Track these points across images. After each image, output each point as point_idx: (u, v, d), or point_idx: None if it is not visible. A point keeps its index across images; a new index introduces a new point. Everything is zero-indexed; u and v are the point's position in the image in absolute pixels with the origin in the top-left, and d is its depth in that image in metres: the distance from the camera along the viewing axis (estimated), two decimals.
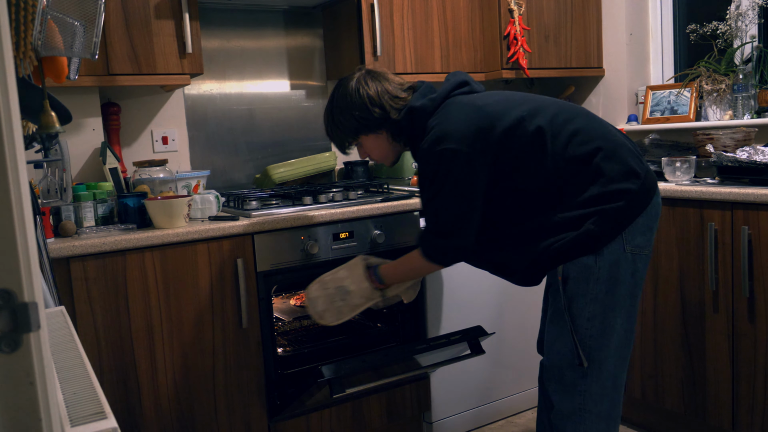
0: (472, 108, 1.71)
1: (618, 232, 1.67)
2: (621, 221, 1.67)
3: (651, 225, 1.72)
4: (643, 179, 1.70)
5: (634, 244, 1.70)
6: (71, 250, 1.85)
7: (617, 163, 1.68)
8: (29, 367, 0.59)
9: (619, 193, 1.66)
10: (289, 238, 2.16)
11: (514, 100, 1.76)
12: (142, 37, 2.20)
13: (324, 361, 2.27)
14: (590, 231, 1.67)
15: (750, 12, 2.63)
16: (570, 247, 1.69)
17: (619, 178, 1.67)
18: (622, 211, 1.66)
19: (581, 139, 1.69)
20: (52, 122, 1.33)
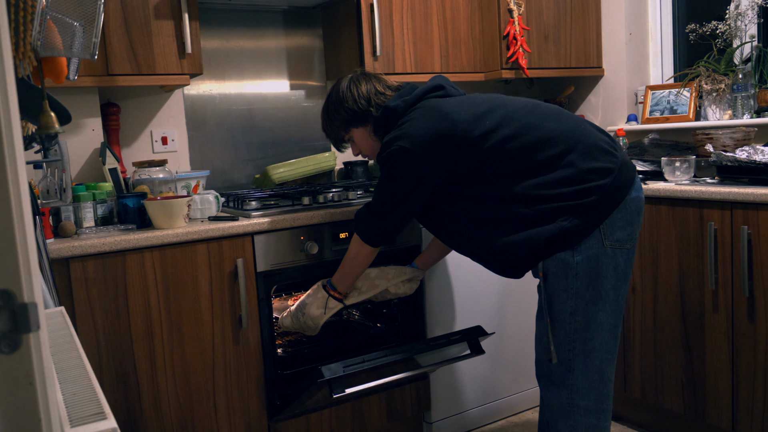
0: (438, 113, 1.79)
1: (593, 228, 1.71)
2: (595, 217, 1.71)
3: (631, 219, 1.75)
4: (616, 175, 1.73)
5: (613, 239, 1.74)
6: (71, 251, 1.85)
7: (587, 160, 1.73)
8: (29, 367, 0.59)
9: (589, 190, 1.70)
10: (288, 239, 2.17)
11: (485, 107, 1.81)
12: (141, 37, 2.20)
13: (324, 362, 2.27)
14: (563, 227, 1.71)
15: (749, 12, 2.63)
16: (544, 242, 1.73)
17: (589, 176, 1.71)
18: (594, 207, 1.71)
19: (551, 142, 1.74)
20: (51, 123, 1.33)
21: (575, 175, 1.71)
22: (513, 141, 1.74)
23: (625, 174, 1.77)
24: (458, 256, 2.48)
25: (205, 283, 2.05)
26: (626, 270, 1.78)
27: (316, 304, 2.06)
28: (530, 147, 1.74)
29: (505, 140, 1.74)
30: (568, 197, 1.70)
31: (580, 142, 1.76)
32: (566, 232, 1.71)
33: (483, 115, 1.77)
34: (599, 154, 1.74)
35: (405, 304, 2.45)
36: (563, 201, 1.70)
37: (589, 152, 1.74)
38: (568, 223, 1.70)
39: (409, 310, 2.45)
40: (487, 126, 1.75)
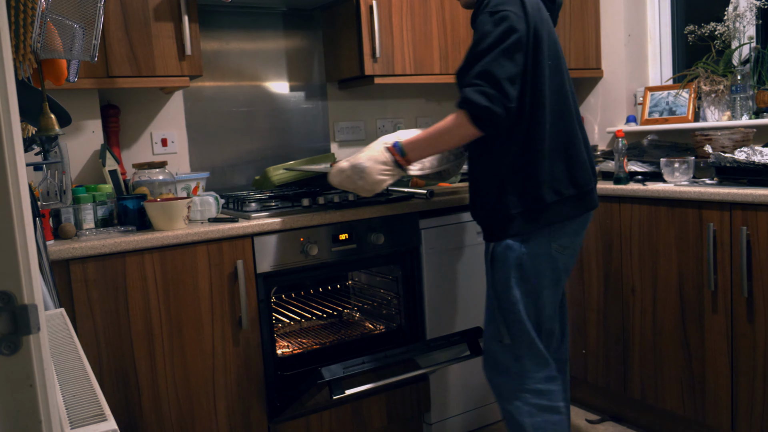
0: None
1: (544, 228, 1.83)
2: (550, 219, 1.82)
3: (579, 231, 1.90)
4: (586, 192, 1.87)
5: (559, 243, 1.86)
6: (71, 252, 1.85)
7: (573, 168, 1.84)
8: (29, 369, 0.59)
9: (558, 192, 1.82)
10: (288, 240, 2.17)
11: None
12: (141, 39, 2.20)
13: (324, 363, 2.27)
14: (515, 214, 1.82)
15: (748, 13, 2.64)
16: (499, 223, 1.85)
17: (565, 182, 1.83)
18: (553, 210, 1.82)
19: (566, 123, 1.85)
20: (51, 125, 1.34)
21: (557, 172, 1.82)
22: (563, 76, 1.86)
23: (593, 196, 1.93)
24: (458, 256, 2.48)
25: (205, 284, 2.06)
26: (561, 275, 1.91)
27: (378, 169, 1.88)
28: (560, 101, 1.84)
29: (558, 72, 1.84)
30: (538, 189, 1.81)
31: (577, 147, 1.88)
32: (519, 222, 1.82)
33: None
34: (581, 168, 1.87)
35: (404, 304, 2.45)
36: (531, 193, 1.81)
37: (578, 159, 1.86)
38: (523, 215, 1.82)
39: (408, 311, 2.45)
40: None
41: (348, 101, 3.00)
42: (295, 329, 2.64)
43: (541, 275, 1.86)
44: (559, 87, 1.83)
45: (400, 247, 2.37)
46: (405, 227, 2.37)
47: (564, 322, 2.08)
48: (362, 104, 3.03)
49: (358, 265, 2.42)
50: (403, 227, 2.37)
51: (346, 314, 2.78)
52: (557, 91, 1.82)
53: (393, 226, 2.35)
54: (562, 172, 1.82)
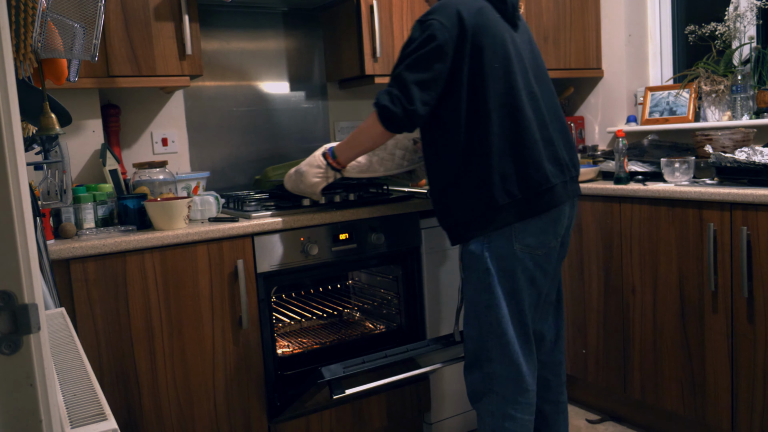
0: None
1: (503, 229, 1.80)
2: (506, 220, 1.80)
3: (546, 228, 1.84)
4: (542, 191, 1.81)
5: (524, 243, 1.82)
6: (71, 252, 1.85)
7: (524, 169, 1.80)
8: (29, 368, 0.59)
9: (510, 194, 1.79)
10: (288, 240, 2.17)
11: None
12: (141, 38, 2.20)
13: (324, 362, 2.28)
14: (470, 218, 1.81)
15: (748, 13, 2.64)
16: (457, 228, 1.85)
17: (516, 183, 1.79)
18: (507, 211, 1.79)
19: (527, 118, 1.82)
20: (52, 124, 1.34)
21: (511, 170, 1.79)
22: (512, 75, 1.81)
23: (558, 193, 1.85)
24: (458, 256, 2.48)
25: (206, 284, 2.06)
26: (535, 274, 1.86)
27: (313, 172, 2.05)
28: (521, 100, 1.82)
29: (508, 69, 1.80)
30: (490, 190, 1.78)
31: (541, 139, 1.84)
32: (472, 226, 1.82)
33: None
34: (545, 162, 1.83)
35: (403, 304, 2.45)
36: (485, 194, 1.79)
37: (538, 153, 1.82)
38: (471, 219, 1.82)
39: (409, 311, 2.45)
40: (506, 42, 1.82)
41: (348, 101, 3.00)
42: (296, 329, 2.64)
43: (511, 277, 1.83)
44: (507, 89, 1.80)
45: (401, 247, 2.37)
46: (405, 227, 2.37)
47: (559, 325, 2.06)
48: (363, 104, 3.03)
49: (358, 265, 2.42)
50: (404, 227, 2.37)
51: (347, 314, 2.78)
52: (506, 92, 1.79)
53: (393, 226, 2.35)
54: (512, 174, 1.79)
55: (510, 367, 1.85)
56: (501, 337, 1.83)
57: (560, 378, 2.07)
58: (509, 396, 1.85)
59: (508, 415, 1.85)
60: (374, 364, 2.04)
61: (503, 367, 1.85)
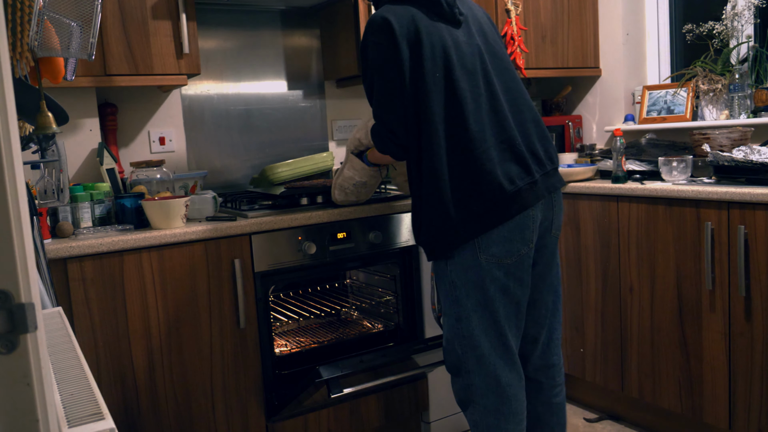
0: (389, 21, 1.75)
1: (465, 242, 1.73)
2: (467, 232, 1.73)
3: (512, 236, 1.74)
4: (506, 198, 1.72)
5: (489, 252, 1.74)
6: (68, 251, 1.85)
7: (478, 174, 1.71)
8: (26, 368, 0.59)
9: (467, 209, 1.72)
10: (286, 239, 2.17)
11: None
12: (139, 37, 2.19)
13: (322, 362, 2.27)
14: (433, 236, 1.76)
15: (746, 12, 2.64)
16: (424, 243, 1.82)
17: (468, 192, 1.72)
18: (466, 227, 1.72)
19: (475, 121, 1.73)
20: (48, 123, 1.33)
21: (467, 182, 1.72)
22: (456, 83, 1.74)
23: (525, 195, 1.75)
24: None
25: (203, 283, 2.05)
26: (507, 283, 1.77)
27: (373, 184, 2.23)
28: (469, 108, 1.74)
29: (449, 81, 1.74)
30: (444, 206, 1.72)
31: (510, 138, 1.77)
32: (435, 241, 1.77)
33: None
34: (506, 164, 1.74)
35: (403, 304, 2.45)
36: (441, 209, 1.73)
37: (493, 159, 1.73)
38: (433, 236, 1.77)
39: (406, 310, 2.45)
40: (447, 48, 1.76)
41: (346, 100, 2.99)
42: (293, 328, 2.64)
43: (479, 288, 1.75)
44: (450, 99, 1.73)
45: (398, 246, 2.37)
46: (403, 226, 2.37)
47: (552, 328, 1.97)
48: (360, 103, 3.02)
49: (355, 264, 2.42)
50: (401, 226, 2.37)
51: (344, 313, 2.78)
52: (449, 103, 1.72)
53: (391, 225, 2.35)
54: (467, 189, 1.72)
55: (488, 379, 1.79)
56: (475, 350, 1.78)
57: (554, 380, 2.00)
58: (490, 406, 1.80)
59: (492, 425, 1.80)
60: (372, 363, 2.04)
61: (481, 378, 1.79)
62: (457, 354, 1.83)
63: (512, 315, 1.80)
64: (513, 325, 1.81)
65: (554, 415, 2.01)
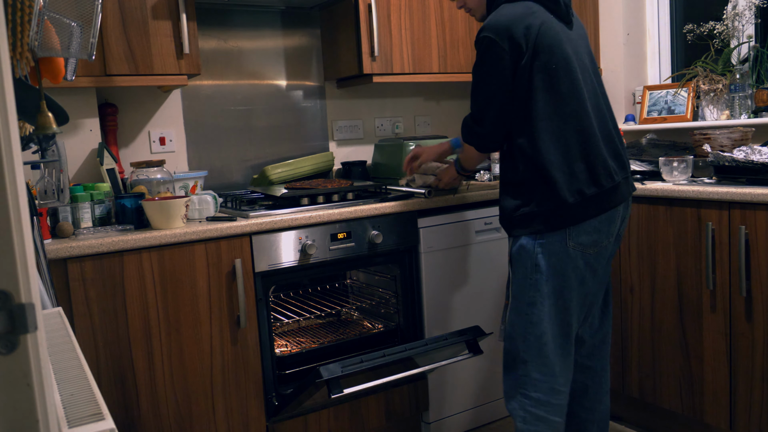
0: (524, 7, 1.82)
1: (561, 228, 1.78)
2: (566, 219, 1.78)
3: (601, 227, 1.81)
4: (608, 190, 1.80)
5: (577, 241, 1.80)
6: (68, 251, 1.85)
7: (593, 162, 1.79)
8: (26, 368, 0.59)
9: (577, 192, 1.77)
10: (286, 239, 2.16)
11: None
12: (139, 37, 2.19)
13: (322, 362, 2.27)
14: (534, 213, 1.80)
15: (747, 12, 2.64)
16: (517, 218, 1.83)
17: (584, 179, 1.77)
18: (570, 209, 1.77)
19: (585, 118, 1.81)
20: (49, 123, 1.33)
21: (573, 169, 1.77)
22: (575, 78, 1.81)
23: (620, 192, 1.85)
24: (457, 255, 2.48)
25: (203, 283, 2.05)
26: (585, 274, 1.83)
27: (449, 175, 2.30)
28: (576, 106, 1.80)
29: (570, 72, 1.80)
30: (554, 188, 1.77)
31: (602, 139, 1.83)
32: (534, 219, 1.80)
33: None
34: (608, 160, 1.82)
35: (403, 305, 2.45)
36: (547, 191, 1.78)
37: (601, 153, 1.81)
38: (539, 210, 1.79)
39: (407, 310, 2.45)
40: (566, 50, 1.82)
41: (346, 100, 2.99)
42: (294, 328, 2.64)
43: (560, 275, 1.79)
44: (570, 88, 1.81)
45: (399, 246, 2.37)
46: (403, 226, 2.37)
47: (605, 330, 2.00)
48: (361, 103, 3.02)
49: (356, 264, 2.42)
50: (402, 226, 2.37)
51: (345, 313, 2.78)
52: (569, 92, 1.81)
53: (391, 225, 2.35)
54: (583, 172, 1.78)
55: (544, 368, 1.82)
56: (540, 337, 1.81)
57: (601, 386, 2.02)
58: (542, 398, 1.83)
59: (539, 417, 1.83)
60: (372, 364, 2.03)
61: (537, 368, 1.82)
62: (518, 342, 1.85)
63: (580, 306, 1.86)
64: (578, 317, 1.88)
65: (595, 423, 2.04)
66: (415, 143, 2.69)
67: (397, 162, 2.74)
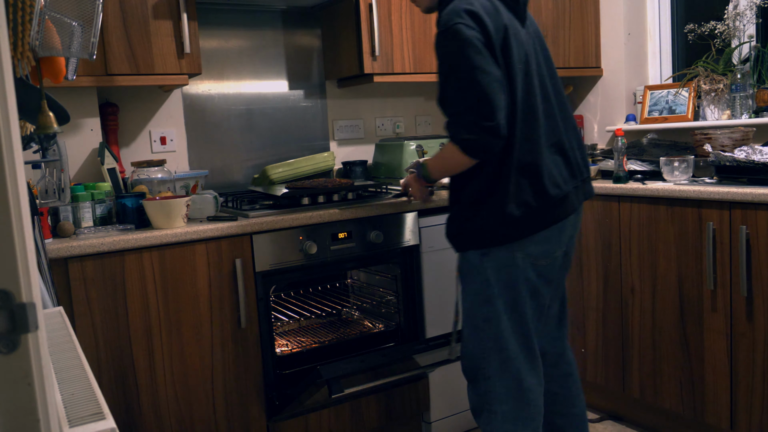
0: None
1: (508, 242, 1.71)
2: (512, 233, 1.70)
3: (551, 237, 1.74)
4: (557, 201, 1.72)
5: (526, 251, 1.73)
6: (69, 251, 1.85)
7: (537, 174, 1.70)
8: (27, 367, 0.59)
9: (523, 204, 1.69)
10: (287, 238, 2.16)
11: None
12: (140, 37, 2.19)
13: (323, 361, 2.27)
14: (481, 228, 1.72)
15: (748, 12, 2.64)
16: (462, 234, 1.76)
17: (529, 191, 1.69)
18: (516, 223, 1.69)
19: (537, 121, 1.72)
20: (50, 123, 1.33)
21: (521, 180, 1.68)
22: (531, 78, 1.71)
23: (570, 202, 1.76)
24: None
25: (204, 283, 2.05)
26: (537, 284, 1.76)
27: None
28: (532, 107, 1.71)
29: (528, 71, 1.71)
30: (502, 198, 1.69)
31: (548, 147, 1.74)
32: (480, 233, 1.73)
33: None
34: (553, 171, 1.73)
35: (404, 304, 2.45)
36: (492, 202, 1.70)
37: (546, 164, 1.71)
38: (484, 224, 1.71)
39: (407, 310, 2.45)
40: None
41: (347, 99, 2.99)
42: (294, 328, 2.64)
43: (512, 288, 1.73)
44: (526, 92, 1.71)
45: (399, 246, 2.37)
46: (404, 226, 2.37)
47: (561, 337, 1.96)
48: (361, 102, 3.02)
49: (357, 264, 2.42)
50: (403, 226, 2.37)
51: (345, 313, 2.78)
52: (525, 96, 1.71)
53: (392, 225, 2.34)
54: (527, 184, 1.70)
55: (510, 383, 1.76)
56: (501, 352, 1.75)
57: (570, 390, 1.98)
58: (509, 413, 1.77)
59: (508, 431, 1.78)
60: (373, 364, 2.04)
61: (502, 383, 1.76)
62: (478, 359, 1.79)
63: (537, 317, 1.79)
64: (536, 328, 1.81)
65: (574, 427, 2.00)
66: (416, 143, 2.69)
67: (398, 162, 2.74)
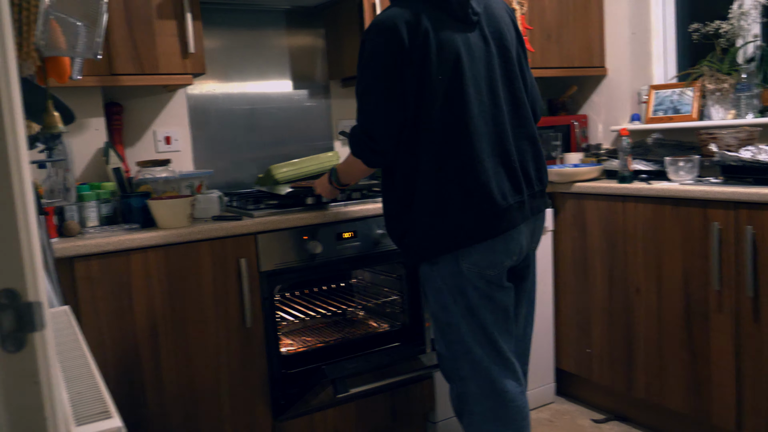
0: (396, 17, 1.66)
1: (448, 252, 1.70)
2: (451, 243, 1.69)
3: (495, 248, 1.71)
4: (500, 212, 1.69)
5: (470, 261, 1.70)
6: (75, 250, 1.85)
7: (471, 186, 1.67)
8: (34, 366, 0.59)
9: (456, 219, 1.68)
10: (292, 238, 2.16)
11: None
12: (144, 36, 2.20)
13: (328, 361, 2.27)
14: (421, 240, 1.72)
15: (753, 11, 2.63)
16: (410, 247, 1.76)
17: (468, 203, 1.67)
18: (455, 233, 1.68)
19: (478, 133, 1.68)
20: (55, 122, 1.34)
21: (461, 190, 1.67)
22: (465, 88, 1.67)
23: (513, 215, 1.72)
24: None
25: (209, 282, 2.06)
26: (490, 291, 1.73)
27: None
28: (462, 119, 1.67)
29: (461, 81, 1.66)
30: (442, 210, 1.68)
31: (505, 151, 1.72)
32: (423, 245, 1.73)
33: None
34: (502, 181, 1.70)
35: (409, 304, 2.45)
36: (435, 214, 1.69)
37: (488, 175, 1.68)
38: (428, 240, 1.71)
39: (413, 310, 2.44)
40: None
41: (351, 99, 2.99)
42: (299, 327, 2.64)
43: (463, 295, 1.72)
44: (454, 104, 1.68)
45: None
46: None
47: (527, 337, 1.94)
48: None
49: (362, 264, 2.42)
50: None
51: (350, 312, 2.78)
52: (451, 108, 1.68)
53: None
54: (458, 199, 1.68)
55: (484, 383, 1.75)
56: (467, 355, 1.75)
57: None
58: (487, 413, 1.76)
59: (490, 430, 1.77)
60: (378, 363, 2.04)
61: (476, 383, 1.76)
62: (450, 361, 1.80)
63: (501, 320, 1.77)
64: (503, 330, 1.78)
65: None
66: None
67: None
